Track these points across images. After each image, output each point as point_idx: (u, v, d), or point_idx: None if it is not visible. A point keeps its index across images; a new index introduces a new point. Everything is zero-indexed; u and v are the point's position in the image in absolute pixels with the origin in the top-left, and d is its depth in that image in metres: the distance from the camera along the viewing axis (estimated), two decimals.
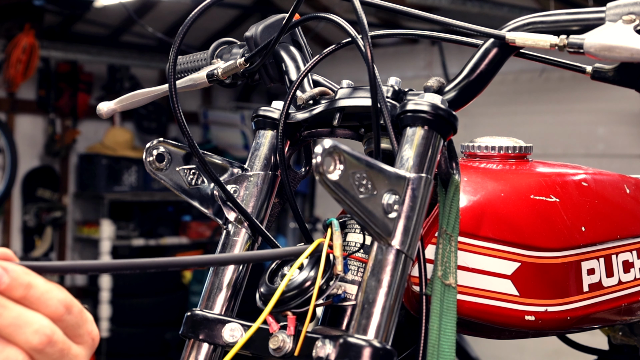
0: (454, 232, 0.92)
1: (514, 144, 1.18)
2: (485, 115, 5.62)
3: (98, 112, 1.18)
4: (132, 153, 6.90)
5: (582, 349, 1.49)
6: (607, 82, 0.98)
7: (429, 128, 0.89)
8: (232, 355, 0.85)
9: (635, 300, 1.15)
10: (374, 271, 0.83)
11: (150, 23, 6.27)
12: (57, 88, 6.82)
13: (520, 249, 1.03)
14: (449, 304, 0.89)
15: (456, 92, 0.96)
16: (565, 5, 4.92)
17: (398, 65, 6.75)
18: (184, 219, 7.10)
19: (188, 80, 1.11)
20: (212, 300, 0.98)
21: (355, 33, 0.93)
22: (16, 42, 6.13)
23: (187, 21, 0.99)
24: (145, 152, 1.02)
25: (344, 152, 0.77)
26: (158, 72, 7.52)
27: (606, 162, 5.42)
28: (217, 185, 1.01)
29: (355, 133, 1.02)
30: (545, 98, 5.95)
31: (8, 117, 6.60)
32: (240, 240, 1.01)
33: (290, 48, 1.12)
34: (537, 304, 1.03)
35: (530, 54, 1.02)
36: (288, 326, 0.89)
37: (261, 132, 1.07)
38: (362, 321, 0.82)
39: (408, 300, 1.01)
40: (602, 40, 0.83)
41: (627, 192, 1.19)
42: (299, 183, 1.08)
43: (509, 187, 1.07)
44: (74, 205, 7.00)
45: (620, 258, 1.14)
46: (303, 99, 1.02)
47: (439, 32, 1.06)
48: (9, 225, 6.70)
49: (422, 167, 0.87)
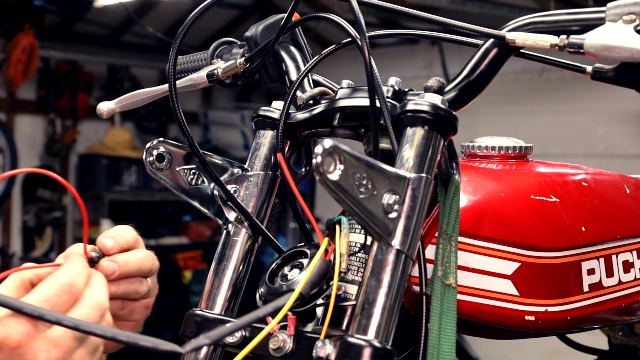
0: (454, 232, 0.92)
1: (514, 144, 1.18)
2: (485, 115, 5.62)
3: (98, 112, 1.18)
4: (132, 153, 6.90)
5: (582, 349, 1.49)
6: (607, 82, 0.98)
7: (429, 128, 0.89)
8: (242, 357, 0.85)
9: (635, 300, 1.15)
10: (374, 271, 0.83)
11: (150, 23, 6.27)
12: (57, 88, 6.82)
13: (520, 249, 1.03)
14: (449, 304, 0.89)
15: (456, 92, 0.96)
16: (565, 5, 4.92)
17: (398, 65, 6.75)
18: (184, 219, 7.10)
19: (188, 80, 1.11)
20: (212, 300, 0.98)
21: (355, 33, 0.93)
22: (16, 42, 6.13)
23: (187, 21, 0.99)
24: (145, 152, 1.02)
25: (344, 152, 0.77)
26: (158, 72, 7.52)
27: (606, 162, 5.42)
28: (218, 185, 1.01)
29: (355, 133, 1.02)
30: (545, 98, 5.95)
31: (8, 117, 6.60)
32: (240, 240, 1.01)
33: (290, 48, 1.12)
34: (537, 304, 1.03)
35: (530, 54, 1.02)
36: (288, 326, 0.89)
37: (261, 132, 1.07)
38: (362, 321, 0.82)
39: (408, 300, 1.01)
40: (602, 40, 0.83)
41: (627, 192, 1.19)
42: (299, 183, 1.08)
43: (509, 187, 1.07)
44: (74, 205, 6.99)
45: (621, 258, 1.14)
46: (303, 99, 1.02)
47: (439, 32, 1.06)
48: (9, 225, 6.70)
49: (422, 167, 0.87)
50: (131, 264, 0.94)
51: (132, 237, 0.96)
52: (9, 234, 6.69)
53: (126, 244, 0.95)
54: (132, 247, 0.96)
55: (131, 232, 0.97)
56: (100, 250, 0.93)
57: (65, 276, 0.83)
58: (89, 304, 0.83)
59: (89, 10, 6.13)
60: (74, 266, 0.85)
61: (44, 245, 6.83)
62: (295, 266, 0.94)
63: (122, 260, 0.93)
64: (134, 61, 7.16)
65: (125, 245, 0.95)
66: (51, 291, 0.81)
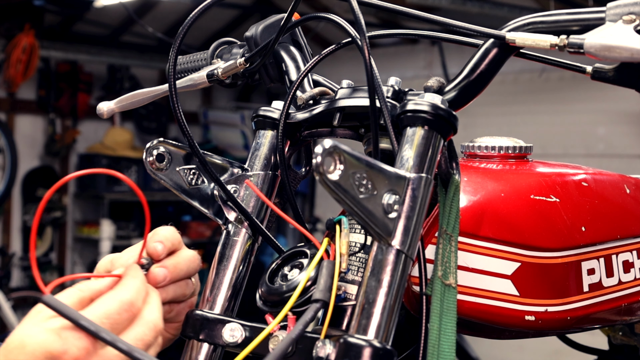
0: (454, 232, 0.92)
1: (514, 144, 1.18)
2: (485, 115, 5.63)
3: (98, 112, 1.18)
4: (132, 153, 6.90)
5: (582, 349, 1.49)
6: (607, 82, 0.98)
7: (429, 128, 0.89)
8: (242, 357, 0.85)
9: (635, 300, 1.15)
10: (374, 271, 0.83)
11: (150, 23, 6.27)
12: (57, 88, 6.82)
13: (520, 249, 1.02)
14: (449, 304, 0.89)
15: (456, 92, 0.96)
16: (565, 5, 4.92)
17: (398, 65, 6.75)
18: (184, 219, 7.11)
19: (188, 80, 1.11)
20: (212, 300, 0.98)
21: (355, 33, 0.93)
22: (16, 42, 6.13)
23: (187, 21, 0.99)
24: (145, 152, 1.02)
25: (344, 152, 0.77)
26: (158, 72, 7.52)
27: (606, 162, 5.42)
28: (218, 185, 1.01)
29: (355, 133, 1.02)
30: (545, 98, 5.95)
31: (8, 117, 6.60)
32: (241, 240, 1.01)
33: (290, 48, 1.12)
34: (537, 304, 1.03)
35: (530, 54, 1.02)
36: (288, 326, 0.89)
37: (261, 132, 1.07)
38: (362, 321, 0.82)
39: (408, 300, 1.01)
40: (602, 40, 0.83)
41: (627, 192, 1.19)
42: (299, 183, 1.08)
43: (509, 187, 1.07)
44: (74, 205, 7.00)
45: (621, 258, 1.14)
46: (303, 99, 1.02)
47: (439, 32, 1.06)
48: (9, 225, 6.70)
49: (422, 167, 0.87)
50: (180, 268, 0.95)
51: (177, 239, 0.96)
52: (9, 234, 6.69)
53: (172, 247, 0.95)
54: (177, 249, 0.97)
55: (175, 233, 0.97)
56: (150, 256, 0.93)
57: (128, 294, 0.83)
58: (146, 324, 0.83)
59: (89, 10, 6.13)
60: (135, 283, 0.85)
61: (44, 245, 6.83)
62: (295, 266, 0.94)
63: (172, 265, 0.94)
64: (134, 61, 7.17)
65: (172, 248, 0.95)
66: (113, 309, 0.81)
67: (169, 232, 0.96)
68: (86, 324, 0.77)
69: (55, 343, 0.76)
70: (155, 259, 0.93)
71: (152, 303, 0.85)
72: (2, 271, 6.26)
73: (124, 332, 0.81)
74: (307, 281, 0.89)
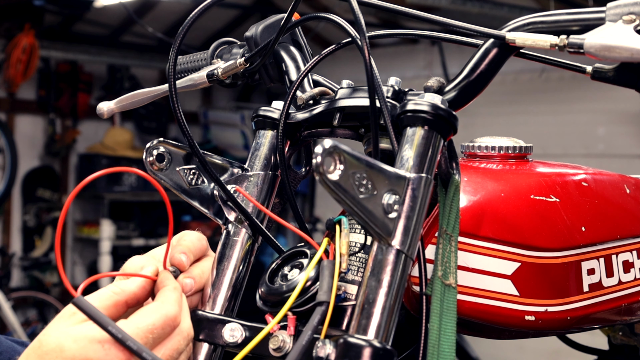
0: (454, 232, 0.92)
1: (514, 144, 1.18)
2: (486, 115, 5.62)
3: (98, 112, 1.18)
4: (132, 153, 6.91)
5: (582, 349, 1.49)
6: (607, 82, 0.98)
7: (429, 128, 0.89)
8: (242, 357, 0.86)
9: (635, 300, 1.15)
10: (374, 271, 0.83)
11: (150, 23, 6.27)
12: (57, 88, 6.82)
13: (520, 249, 1.02)
14: (449, 304, 0.89)
15: (456, 92, 0.96)
16: (565, 5, 4.92)
17: (398, 65, 6.76)
18: (184, 219, 7.11)
19: (188, 80, 1.11)
20: (212, 300, 0.98)
21: (355, 33, 0.93)
22: (16, 42, 6.13)
23: (187, 21, 0.99)
24: (145, 152, 1.02)
25: (344, 152, 0.77)
26: (158, 72, 7.52)
27: (606, 162, 5.42)
28: (218, 185, 1.01)
29: (355, 133, 1.02)
30: (545, 98, 5.95)
31: (8, 117, 6.60)
32: (241, 240, 1.01)
33: (290, 48, 1.12)
34: (537, 304, 1.03)
35: (530, 54, 1.02)
36: (288, 326, 0.89)
37: (261, 132, 1.07)
38: (362, 321, 0.82)
39: (408, 300, 1.01)
40: (602, 40, 0.83)
41: (627, 192, 1.19)
42: (299, 183, 1.08)
43: (509, 187, 1.07)
44: (74, 205, 7.00)
45: (620, 258, 1.14)
46: (303, 99, 1.02)
47: (439, 32, 1.06)
48: (9, 225, 6.70)
49: (422, 167, 0.87)
50: (204, 277, 0.96)
51: (203, 246, 0.97)
52: (9, 234, 6.69)
53: (199, 254, 0.97)
54: (203, 255, 0.98)
55: (201, 240, 0.98)
56: (176, 266, 0.94)
57: (172, 309, 0.84)
58: (180, 333, 0.84)
59: (89, 10, 6.13)
60: (176, 297, 0.86)
61: (44, 245, 6.83)
62: (295, 266, 0.94)
63: (198, 276, 0.95)
64: (134, 61, 7.17)
65: (198, 255, 0.96)
66: (157, 323, 0.82)
67: (195, 238, 0.97)
68: (131, 344, 0.77)
69: (97, 354, 0.76)
70: (181, 270, 0.94)
71: (185, 311, 0.87)
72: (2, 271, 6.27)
73: (162, 343, 0.82)
74: (306, 281, 0.89)
